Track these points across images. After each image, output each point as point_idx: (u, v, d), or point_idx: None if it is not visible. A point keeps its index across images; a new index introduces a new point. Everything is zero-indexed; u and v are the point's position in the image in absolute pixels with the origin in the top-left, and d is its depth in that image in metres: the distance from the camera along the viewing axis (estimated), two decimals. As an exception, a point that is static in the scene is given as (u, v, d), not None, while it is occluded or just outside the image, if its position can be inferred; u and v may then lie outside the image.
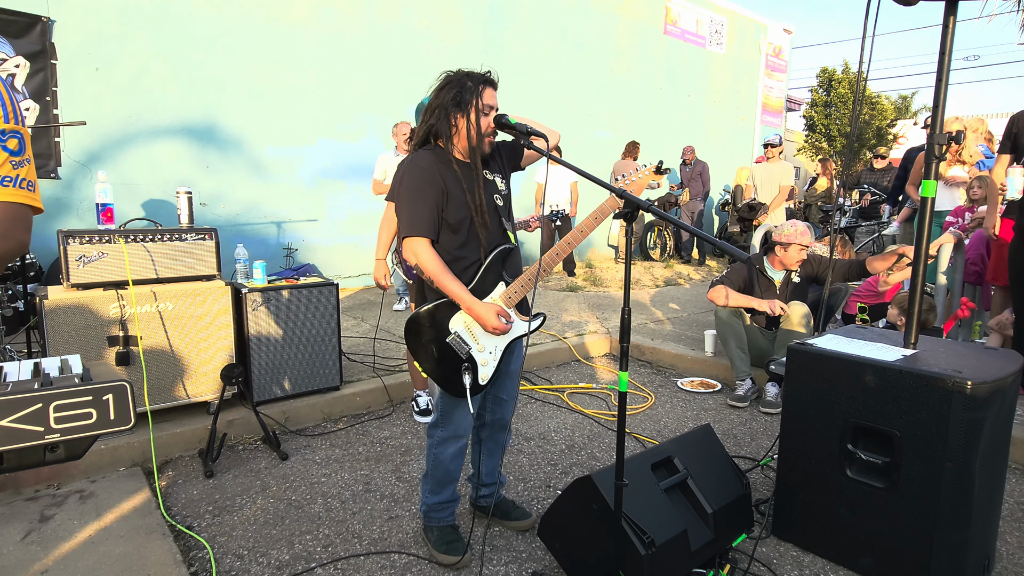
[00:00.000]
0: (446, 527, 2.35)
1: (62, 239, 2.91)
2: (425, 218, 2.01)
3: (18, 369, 1.10)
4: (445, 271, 2.03)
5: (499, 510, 2.50)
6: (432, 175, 2.02)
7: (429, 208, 2.01)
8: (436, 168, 2.04)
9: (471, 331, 2.13)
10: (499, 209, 2.15)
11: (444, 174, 2.04)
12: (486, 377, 2.15)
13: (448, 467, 2.28)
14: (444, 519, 2.36)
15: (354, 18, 7.01)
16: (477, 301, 2.05)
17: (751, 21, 12.05)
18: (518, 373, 2.34)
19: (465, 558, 2.24)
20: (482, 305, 2.05)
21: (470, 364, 2.12)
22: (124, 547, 2.30)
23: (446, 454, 2.26)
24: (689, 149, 9.70)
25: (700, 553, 2.15)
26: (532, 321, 2.16)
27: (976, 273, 4.29)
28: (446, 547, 2.27)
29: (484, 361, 2.14)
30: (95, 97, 5.55)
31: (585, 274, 8.19)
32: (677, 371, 4.68)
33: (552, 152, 1.98)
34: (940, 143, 2.24)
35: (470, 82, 2.02)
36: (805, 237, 3.93)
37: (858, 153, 15.55)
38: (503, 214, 2.16)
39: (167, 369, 3.16)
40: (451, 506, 2.37)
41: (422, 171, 2.03)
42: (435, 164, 2.04)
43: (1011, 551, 2.41)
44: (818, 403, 2.32)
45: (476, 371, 2.13)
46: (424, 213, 2.01)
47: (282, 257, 6.73)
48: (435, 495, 2.33)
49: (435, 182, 2.02)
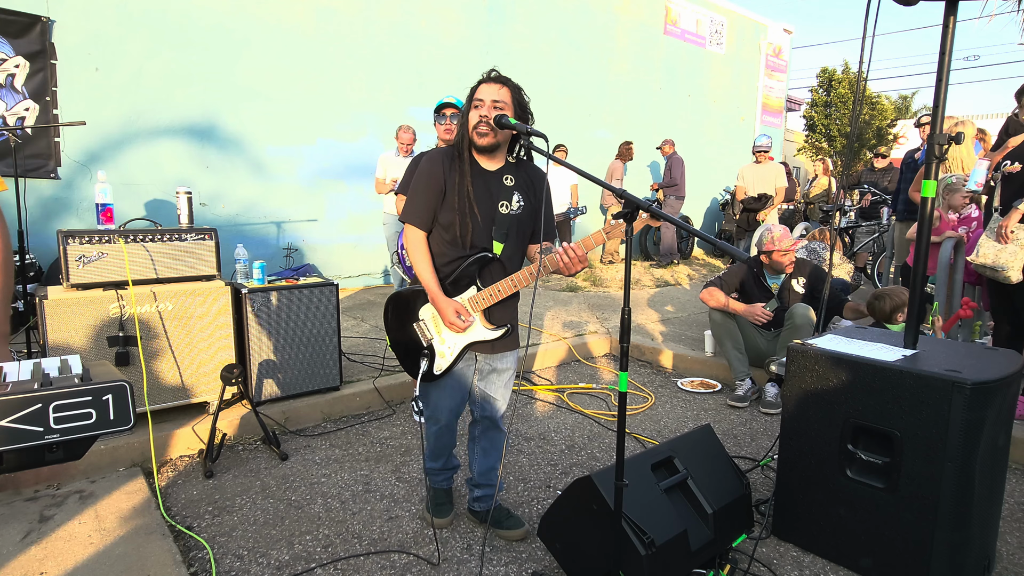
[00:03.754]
0: (440, 490, 2.55)
1: (62, 239, 2.91)
2: (419, 208, 2.17)
3: (18, 369, 1.10)
4: (423, 260, 2.16)
5: (492, 518, 2.47)
6: (433, 171, 2.15)
7: (424, 200, 2.16)
8: (442, 165, 2.14)
9: (436, 322, 2.26)
10: (499, 218, 2.16)
11: (448, 172, 2.14)
12: (440, 368, 2.26)
13: (435, 444, 2.45)
14: (440, 482, 2.55)
15: (354, 18, 7.01)
16: (441, 295, 2.16)
17: (751, 21, 12.05)
18: (508, 372, 2.36)
19: (447, 520, 2.50)
20: (445, 300, 2.16)
21: (429, 352, 2.26)
22: (124, 547, 2.30)
23: (430, 433, 2.44)
24: (667, 142, 9.07)
25: (700, 553, 2.15)
26: (496, 331, 2.22)
27: (976, 273, 4.29)
28: (435, 508, 2.51)
29: (442, 353, 2.26)
30: (95, 97, 5.55)
31: (585, 274, 8.19)
32: (677, 371, 4.68)
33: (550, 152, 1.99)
34: (940, 143, 2.24)
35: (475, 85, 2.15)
36: (784, 241, 3.97)
37: (858, 153, 15.54)
38: (501, 223, 2.16)
39: (167, 369, 3.16)
40: (447, 472, 2.55)
41: (426, 166, 2.17)
42: (442, 162, 2.15)
43: (1011, 551, 2.41)
44: (818, 403, 2.32)
45: (434, 360, 2.25)
46: (419, 204, 2.17)
47: (282, 257, 6.73)
48: (432, 461, 2.52)
49: (434, 178, 2.14)
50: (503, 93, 2.10)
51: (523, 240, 2.26)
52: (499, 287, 2.13)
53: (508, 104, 2.10)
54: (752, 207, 8.03)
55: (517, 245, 2.23)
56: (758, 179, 7.99)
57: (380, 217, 6.20)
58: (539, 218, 2.25)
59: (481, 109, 2.09)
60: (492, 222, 2.16)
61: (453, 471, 2.59)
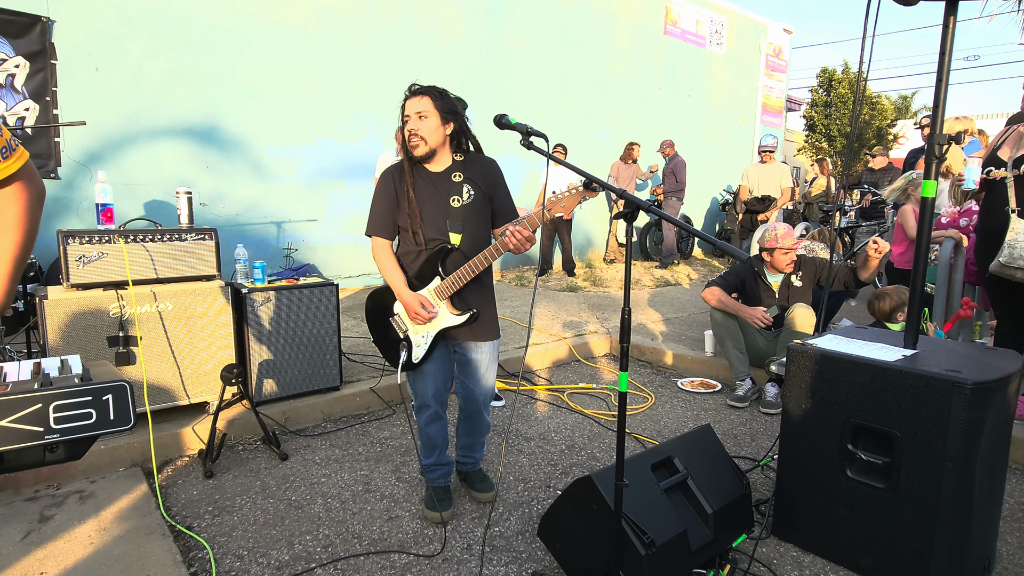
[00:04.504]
0: (437, 487, 2.62)
1: (62, 239, 2.91)
2: (376, 218, 2.44)
3: (18, 369, 1.10)
4: (387, 263, 2.42)
5: (467, 480, 2.78)
6: (385, 186, 2.41)
7: (381, 211, 2.42)
8: (392, 179, 2.40)
9: (407, 315, 2.44)
10: (452, 211, 2.35)
11: (398, 183, 2.39)
12: (417, 357, 2.44)
13: (427, 432, 2.57)
14: (435, 480, 2.64)
15: (354, 18, 7.01)
16: (405, 290, 2.38)
17: (751, 21, 12.05)
18: (485, 361, 2.52)
19: (449, 512, 2.54)
20: (409, 294, 2.37)
21: (407, 342, 2.45)
22: (124, 547, 2.30)
23: (421, 420, 2.57)
24: (667, 143, 9.00)
25: (700, 553, 2.15)
26: (461, 316, 2.39)
27: (976, 273, 4.29)
28: (431, 504, 2.57)
29: (417, 343, 2.44)
30: (95, 97, 5.55)
31: (585, 274, 8.19)
32: (677, 371, 4.68)
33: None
34: (940, 143, 2.24)
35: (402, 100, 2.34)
36: (787, 240, 3.94)
37: (858, 153, 15.55)
38: (455, 216, 2.35)
39: (167, 369, 3.16)
40: (440, 469, 2.63)
41: (380, 183, 2.45)
42: (392, 176, 2.41)
43: (1011, 551, 2.41)
44: (818, 403, 2.32)
45: (411, 349, 2.44)
46: (376, 214, 2.44)
47: (282, 257, 6.73)
48: (425, 457, 2.63)
49: (387, 191, 2.40)
50: (424, 103, 2.27)
51: (482, 227, 2.41)
52: (459, 273, 2.31)
53: (431, 110, 2.27)
54: (755, 208, 8.02)
55: (476, 233, 2.38)
56: (763, 179, 7.98)
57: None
58: (494, 203, 2.43)
59: (409, 123, 2.29)
60: (446, 216, 2.35)
61: (448, 467, 2.66)
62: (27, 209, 1.28)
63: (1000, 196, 3.36)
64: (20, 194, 1.27)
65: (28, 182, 1.28)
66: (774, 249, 3.97)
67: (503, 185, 2.46)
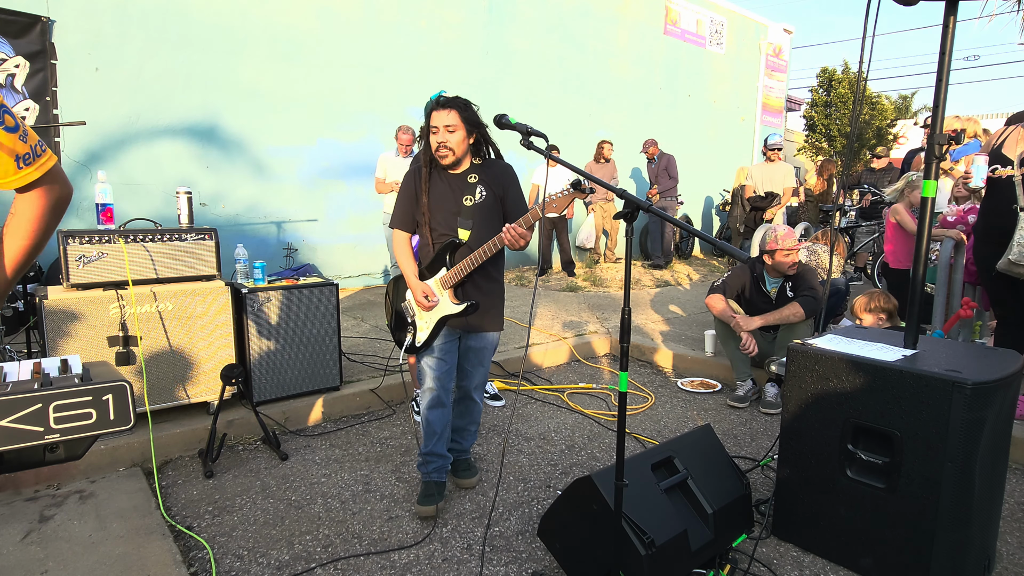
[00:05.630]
0: (430, 482, 2.66)
1: (62, 239, 2.91)
2: (398, 213, 2.64)
3: (18, 369, 1.10)
4: (403, 254, 2.64)
5: (453, 467, 2.86)
6: (407, 185, 2.61)
7: (402, 209, 2.62)
8: (414, 178, 2.59)
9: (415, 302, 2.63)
10: (464, 209, 2.51)
11: (417, 183, 2.57)
12: (420, 340, 2.63)
13: (428, 417, 2.64)
14: (430, 473, 2.67)
15: (354, 18, 7.01)
16: (414, 279, 2.58)
17: (751, 21, 12.05)
18: (483, 351, 2.69)
19: (431, 509, 2.58)
20: (416, 283, 2.58)
21: (413, 326, 2.66)
22: (124, 547, 2.30)
23: (423, 404, 2.65)
24: (650, 142, 8.76)
25: (700, 553, 2.15)
26: (459, 306, 2.54)
27: (976, 273, 4.28)
28: (423, 499, 2.61)
29: (421, 328, 2.63)
30: (95, 97, 5.55)
31: (585, 274, 8.19)
32: (677, 371, 4.68)
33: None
34: (940, 143, 2.24)
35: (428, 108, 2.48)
36: (788, 241, 3.90)
37: (858, 153, 15.54)
38: (465, 213, 2.51)
39: (167, 369, 3.16)
40: (436, 461, 2.67)
41: (404, 181, 2.64)
42: (414, 175, 2.60)
43: (1011, 551, 2.41)
44: (818, 403, 2.32)
45: (416, 333, 2.64)
46: (399, 211, 2.64)
47: (282, 257, 6.73)
48: (424, 445, 2.67)
49: (408, 188, 2.60)
50: (452, 117, 2.40)
51: (491, 225, 2.51)
52: (461, 265, 2.47)
53: (459, 124, 2.41)
54: (759, 205, 8.01)
55: (485, 230, 2.49)
56: (767, 178, 7.96)
57: (380, 217, 6.20)
58: (506, 204, 2.57)
59: (437, 135, 2.42)
60: (458, 214, 2.52)
61: (444, 461, 2.70)
62: (41, 216, 1.28)
63: (1005, 194, 3.35)
64: (38, 200, 1.27)
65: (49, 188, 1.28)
66: (775, 251, 3.94)
67: (515, 188, 2.60)
